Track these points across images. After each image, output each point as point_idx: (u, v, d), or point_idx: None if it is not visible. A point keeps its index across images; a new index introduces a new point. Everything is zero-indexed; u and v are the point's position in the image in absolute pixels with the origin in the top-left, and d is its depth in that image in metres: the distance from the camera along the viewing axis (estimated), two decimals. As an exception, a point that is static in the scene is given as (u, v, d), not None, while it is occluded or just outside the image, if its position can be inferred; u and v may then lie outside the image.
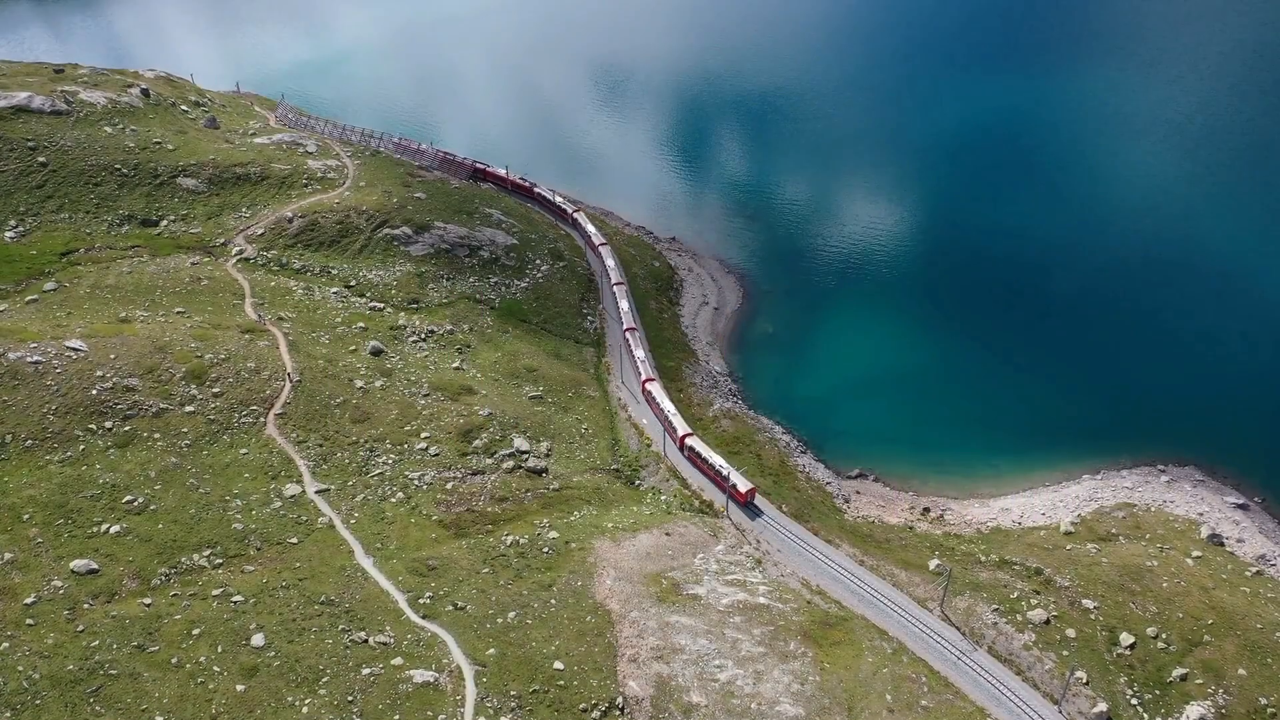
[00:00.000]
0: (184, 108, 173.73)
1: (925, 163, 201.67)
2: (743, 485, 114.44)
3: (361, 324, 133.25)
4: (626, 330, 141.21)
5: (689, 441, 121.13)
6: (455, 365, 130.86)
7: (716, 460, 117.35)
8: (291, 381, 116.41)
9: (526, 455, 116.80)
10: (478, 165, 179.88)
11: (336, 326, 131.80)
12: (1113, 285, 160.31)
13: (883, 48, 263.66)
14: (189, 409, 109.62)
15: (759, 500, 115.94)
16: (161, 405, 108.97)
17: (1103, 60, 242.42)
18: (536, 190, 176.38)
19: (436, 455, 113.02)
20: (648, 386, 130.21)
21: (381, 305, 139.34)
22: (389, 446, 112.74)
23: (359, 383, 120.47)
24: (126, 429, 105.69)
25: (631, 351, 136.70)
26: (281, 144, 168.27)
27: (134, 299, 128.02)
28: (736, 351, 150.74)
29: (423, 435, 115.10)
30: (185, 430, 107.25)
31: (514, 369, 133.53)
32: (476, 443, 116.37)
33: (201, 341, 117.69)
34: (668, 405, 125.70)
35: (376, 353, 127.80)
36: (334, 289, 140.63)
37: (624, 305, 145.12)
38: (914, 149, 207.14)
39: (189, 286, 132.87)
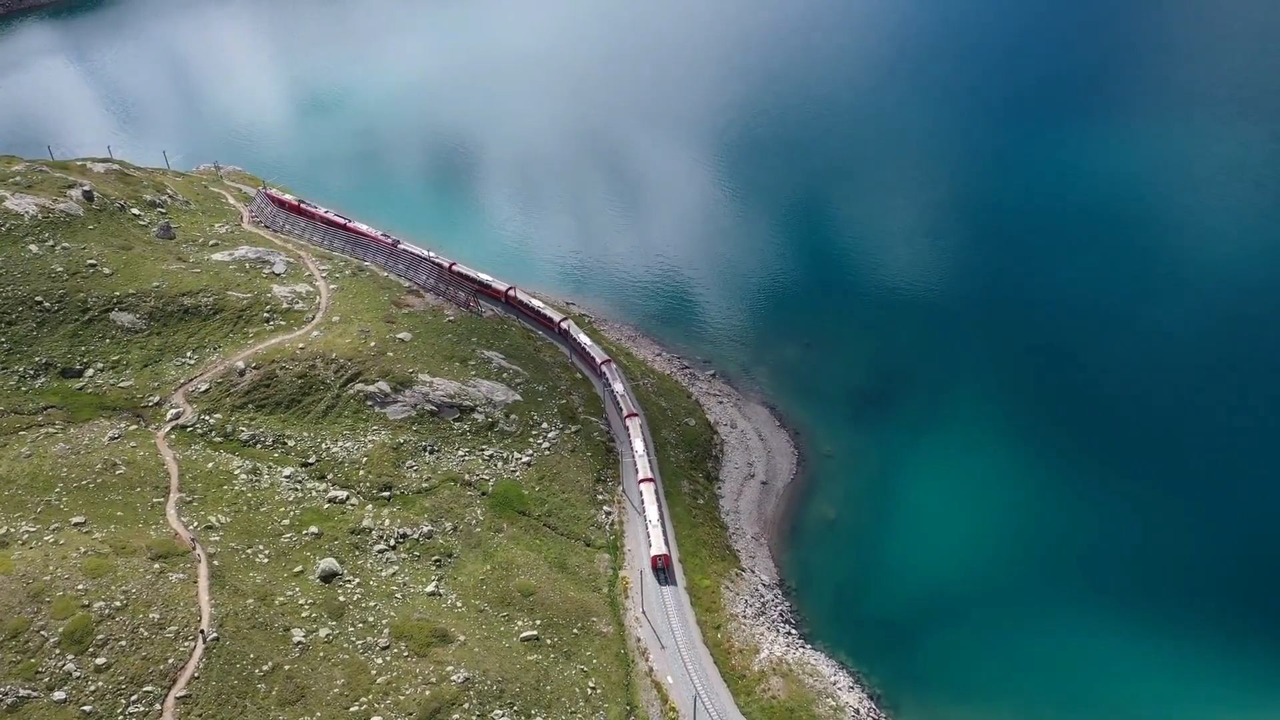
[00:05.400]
0: (135, 211, 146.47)
1: (1029, 270, 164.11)
2: (656, 548, 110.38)
3: (315, 528, 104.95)
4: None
5: (641, 486, 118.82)
6: (430, 589, 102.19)
7: (651, 514, 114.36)
8: (205, 641, 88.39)
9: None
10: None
11: (282, 534, 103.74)
12: None
13: (967, 107, 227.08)
14: (58, 695, 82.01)
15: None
16: (21, 691, 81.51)
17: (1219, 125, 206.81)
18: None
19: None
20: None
21: (345, 495, 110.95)
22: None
23: (297, 634, 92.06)
24: (-33, 734, 78.51)
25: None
26: (244, 262, 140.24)
27: (23, 503, 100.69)
28: (789, 547, 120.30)
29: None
30: (48, 733, 79.75)
31: (505, 592, 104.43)
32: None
33: (94, 579, 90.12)
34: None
35: (328, 577, 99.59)
36: (287, 470, 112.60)
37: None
38: (1015, 250, 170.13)
39: (100, 478, 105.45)
